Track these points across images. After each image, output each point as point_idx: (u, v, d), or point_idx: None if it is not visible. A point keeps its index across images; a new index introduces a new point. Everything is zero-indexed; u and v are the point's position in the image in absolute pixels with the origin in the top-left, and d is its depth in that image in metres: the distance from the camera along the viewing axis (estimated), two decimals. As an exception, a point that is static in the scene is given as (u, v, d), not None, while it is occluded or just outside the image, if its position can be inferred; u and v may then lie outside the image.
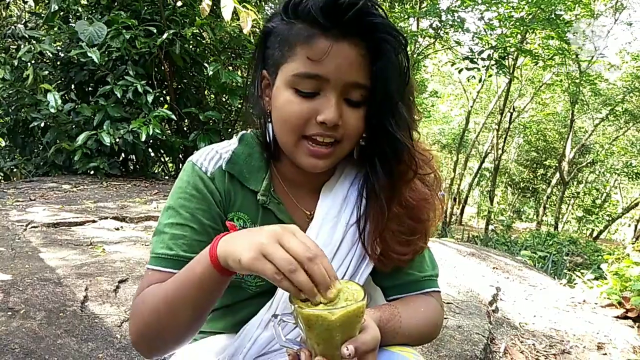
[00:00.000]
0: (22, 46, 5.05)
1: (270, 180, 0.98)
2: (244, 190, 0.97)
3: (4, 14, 6.83)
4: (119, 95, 5.06)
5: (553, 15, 9.22)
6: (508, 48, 9.57)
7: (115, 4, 5.67)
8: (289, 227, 0.73)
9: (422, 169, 0.97)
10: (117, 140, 5.07)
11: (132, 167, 6.30)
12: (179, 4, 6.00)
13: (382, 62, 0.86)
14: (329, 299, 0.71)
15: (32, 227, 3.18)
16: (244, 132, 1.03)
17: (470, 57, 9.01)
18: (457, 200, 17.55)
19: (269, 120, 0.95)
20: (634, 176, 16.59)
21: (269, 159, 0.99)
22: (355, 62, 0.85)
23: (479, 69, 9.04)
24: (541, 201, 19.34)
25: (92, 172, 5.42)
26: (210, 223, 0.93)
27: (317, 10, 0.81)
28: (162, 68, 5.81)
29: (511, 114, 16.22)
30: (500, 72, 9.60)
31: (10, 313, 1.86)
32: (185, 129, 6.44)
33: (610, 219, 17.66)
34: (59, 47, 5.68)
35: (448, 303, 2.78)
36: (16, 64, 5.22)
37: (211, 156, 0.96)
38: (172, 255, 0.89)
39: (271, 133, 0.96)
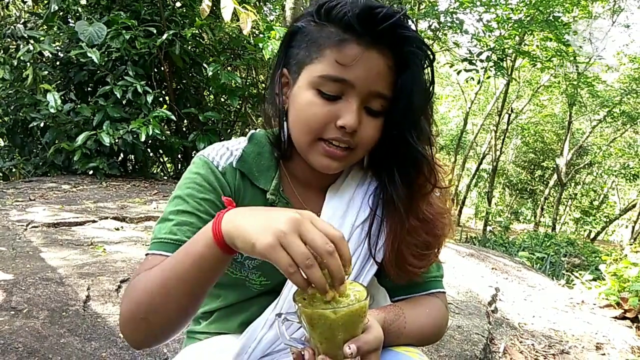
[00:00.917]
0: (21, 46, 5.05)
1: (279, 179, 0.98)
2: (253, 188, 0.97)
3: (2, 13, 6.82)
4: (118, 96, 5.06)
5: (551, 17, 9.25)
6: (506, 50, 9.58)
7: (115, 4, 5.68)
8: (306, 213, 0.70)
9: (440, 183, 0.98)
10: (117, 140, 5.07)
11: (131, 168, 6.30)
12: (179, 4, 6.01)
13: (408, 75, 0.87)
14: (340, 292, 0.70)
15: (32, 227, 3.18)
16: (253, 131, 1.03)
17: (468, 58, 9.01)
18: (455, 201, 17.56)
19: (285, 118, 0.95)
20: (631, 178, 16.65)
21: (279, 158, 0.99)
22: (382, 72, 0.86)
23: (477, 71, 9.05)
24: (539, 202, 19.37)
25: (91, 172, 5.41)
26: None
27: (354, 16, 0.83)
28: (162, 68, 5.82)
29: (509, 115, 16.27)
30: (499, 73, 9.62)
31: (13, 312, 1.86)
32: (184, 129, 6.45)
33: (608, 220, 17.75)
34: (58, 47, 5.69)
35: (448, 303, 2.79)
36: (16, 64, 5.22)
37: (222, 152, 0.96)
38: (175, 240, 0.86)
39: (286, 132, 0.96)
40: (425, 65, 0.89)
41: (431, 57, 0.89)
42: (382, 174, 0.98)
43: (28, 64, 5.07)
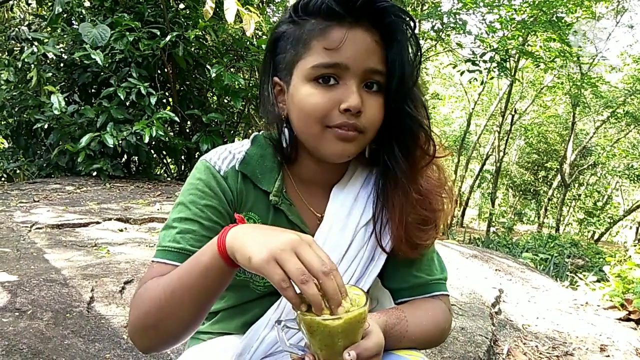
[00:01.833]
0: (25, 48, 5.07)
1: (282, 181, 0.98)
2: (256, 190, 0.97)
3: (7, 16, 6.85)
4: (122, 97, 5.07)
5: (554, 18, 9.23)
6: (509, 50, 9.57)
7: (119, 6, 5.70)
8: (306, 237, 0.73)
9: (438, 154, 0.97)
10: (120, 141, 5.08)
11: (135, 169, 6.31)
12: (182, 6, 6.03)
13: (395, 47, 0.88)
14: (336, 314, 0.71)
15: (36, 228, 3.19)
16: (256, 133, 1.04)
17: (471, 59, 9.00)
18: (459, 202, 17.53)
19: (285, 125, 0.96)
20: (635, 178, 16.57)
21: (282, 163, 0.99)
22: (371, 47, 0.87)
23: (480, 71, 9.03)
24: (542, 203, 19.32)
25: (95, 174, 5.43)
26: (220, 221, 0.92)
27: (331, 1, 0.84)
28: (165, 70, 5.83)
29: (512, 116, 16.23)
30: (502, 74, 9.58)
31: (17, 313, 1.87)
32: (187, 130, 6.45)
33: (612, 221, 17.66)
34: (62, 49, 5.71)
35: (451, 305, 2.79)
36: (20, 65, 5.23)
37: (225, 156, 0.97)
38: (179, 248, 0.88)
39: (287, 137, 0.97)
40: (410, 32, 0.89)
41: (412, 24, 0.90)
42: (381, 151, 0.97)
43: (32, 65, 5.08)
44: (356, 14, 0.85)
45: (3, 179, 6.14)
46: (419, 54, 0.92)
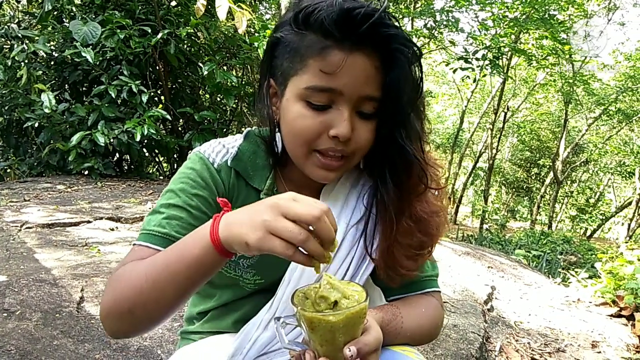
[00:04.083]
0: (15, 46, 5.02)
1: (273, 180, 0.98)
2: (247, 187, 0.97)
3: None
4: (113, 95, 5.04)
5: (547, 15, 9.26)
6: (502, 48, 9.58)
7: (110, 3, 5.66)
8: (288, 194, 0.71)
9: (434, 183, 0.95)
10: (112, 140, 5.05)
11: (126, 167, 6.29)
12: (174, 3, 5.99)
13: (395, 74, 0.85)
14: (332, 249, 0.71)
15: (26, 227, 3.16)
16: (249, 129, 1.03)
17: (464, 57, 9.00)
18: (452, 199, 17.57)
19: (277, 129, 0.95)
20: (627, 175, 16.71)
21: (274, 165, 0.98)
22: (370, 74, 0.83)
23: (473, 69, 9.03)
24: (535, 200, 19.42)
25: (86, 173, 5.40)
26: (208, 212, 0.90)
27: (331, 22, 0.79)
28: (157, 68, 5.80)
29: (505, 113, 16.28)
30: (495, 72, 9.59)
31: (5, 314, 1.85)
32: (180, 129, 6.43)
33: (604, 217, 17.79)
34: (52, 47, 5.67)
35: (444, 302, 2.79)
36: (10, 63, 5.19)
37: (218, 149, 0.96)
38: (164, 233, 0.85)
39: (279, 141, 0.96)
40: (414, 62, 0.86)
41: (418, 53, 0.86)
42: (375, 174, 0.97)
43: (22, 63, 5.04)
44: (358, 38, 0.80)
45: (-7, 178, 6.09)
46: (420, 84, 0.89)
